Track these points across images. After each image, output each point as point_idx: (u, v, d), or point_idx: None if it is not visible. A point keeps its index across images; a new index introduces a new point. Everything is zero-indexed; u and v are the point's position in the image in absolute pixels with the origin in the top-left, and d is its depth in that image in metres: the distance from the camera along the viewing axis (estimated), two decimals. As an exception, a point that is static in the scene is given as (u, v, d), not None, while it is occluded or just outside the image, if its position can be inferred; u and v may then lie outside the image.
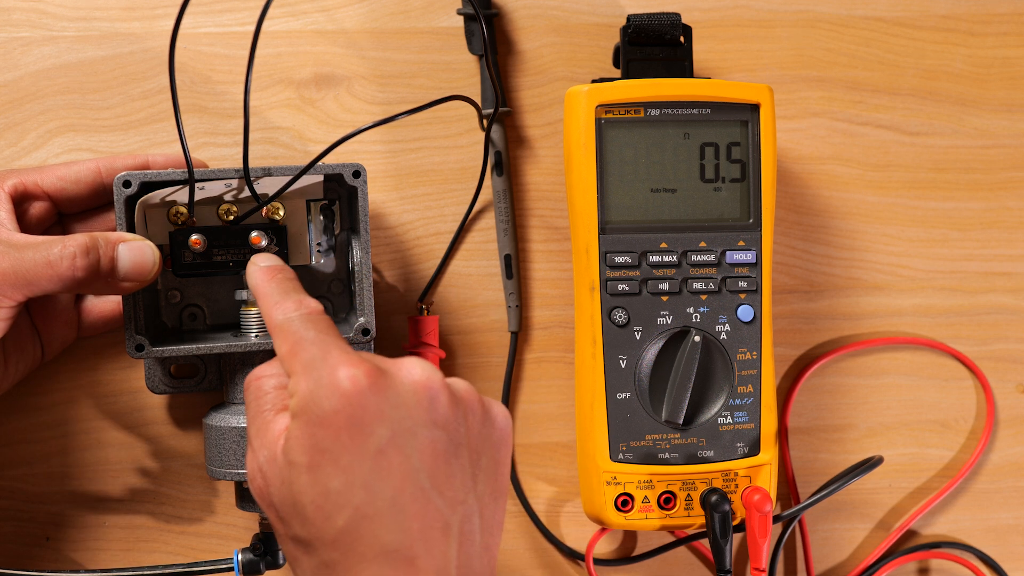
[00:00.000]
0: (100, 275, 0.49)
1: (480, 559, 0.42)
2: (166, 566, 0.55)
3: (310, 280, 0.58)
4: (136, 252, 0.50)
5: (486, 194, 0.61)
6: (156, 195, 0.52)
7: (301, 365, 0.43)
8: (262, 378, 0.46)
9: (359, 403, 0.41)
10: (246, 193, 0.53)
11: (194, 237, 0.52)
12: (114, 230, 0.53)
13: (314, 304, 0.46)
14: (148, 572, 0.54)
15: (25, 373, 0.55)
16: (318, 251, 0.56)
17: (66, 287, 0.49)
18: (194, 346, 0.52)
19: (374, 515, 0.40)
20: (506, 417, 0.45)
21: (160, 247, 0.51)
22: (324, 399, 0.41)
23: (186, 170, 0.51)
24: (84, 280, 0.48)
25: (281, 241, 0.53)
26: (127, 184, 0.51)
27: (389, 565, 0.40)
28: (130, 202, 0.51)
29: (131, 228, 0.52)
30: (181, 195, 0.52)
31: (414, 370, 0.43)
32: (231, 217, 0.53)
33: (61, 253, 0.48)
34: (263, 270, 0.49)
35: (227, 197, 0.53)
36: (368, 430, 0.41)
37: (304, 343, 0.44)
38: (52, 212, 0.54)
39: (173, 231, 0.52)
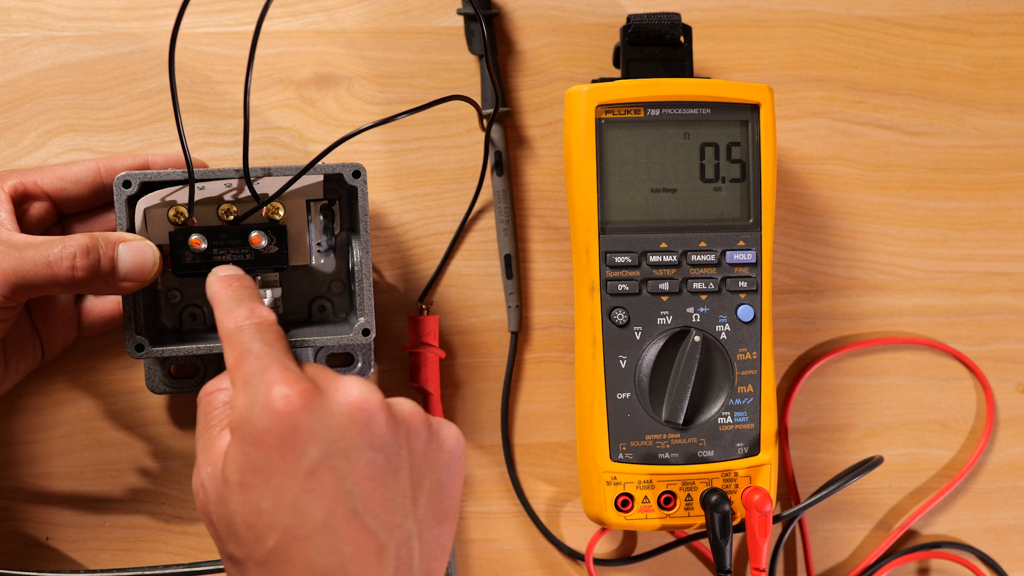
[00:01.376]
0: (100, 275, 0.49)
1: None
2: (166, 566, 0.55)
3: (310, 280, 0.58)
4: (136, 252, 0.49)
5: (486, 194, 0.61)
6: (156, 195, 0.52)
7: (242, 379, 0.43)
8: (212, 393, 0.46)
9: (290, 423, 0.41)
10: (246, 193, 0.53)
11: (194, 237, 0.52)
12: (114, 230, 0.53)
13: (266, 314, 0.46)
14: (148, 572, 0.54)
15: (25, 373, 0.55)
16: (318, 251, 0.56)
17: (66, 287, 0.49)
18: (194, 346, 0.52)
19: (304, 537, 0.40)
20: (457, 439, 0.45)
21: (160, 247, 0.51)
22: (257, 417, 0.41)
23: (186, 170, 0.51)
24: (84, 280, 0.48)
25: (281, 241, 0.53)
26: (127, 184, 0.51)
27: None
28: (130, 202, 0.51)
29: (131, 228, 0.52)
30: (181, 195, 0.52)
31: (351, 391, 0.42)
32: (231, 217, 0.53)
33: (61, 253, 0.48)
34: (221, 279, 0.49)
35: (227, 197, 0.53)
36: (299, 451, 0.41)
37: (248, 356, 0.43)
38: (52, 212, 0.54)
39: (173, 231, 0.52)
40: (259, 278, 0.55)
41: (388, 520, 0.41)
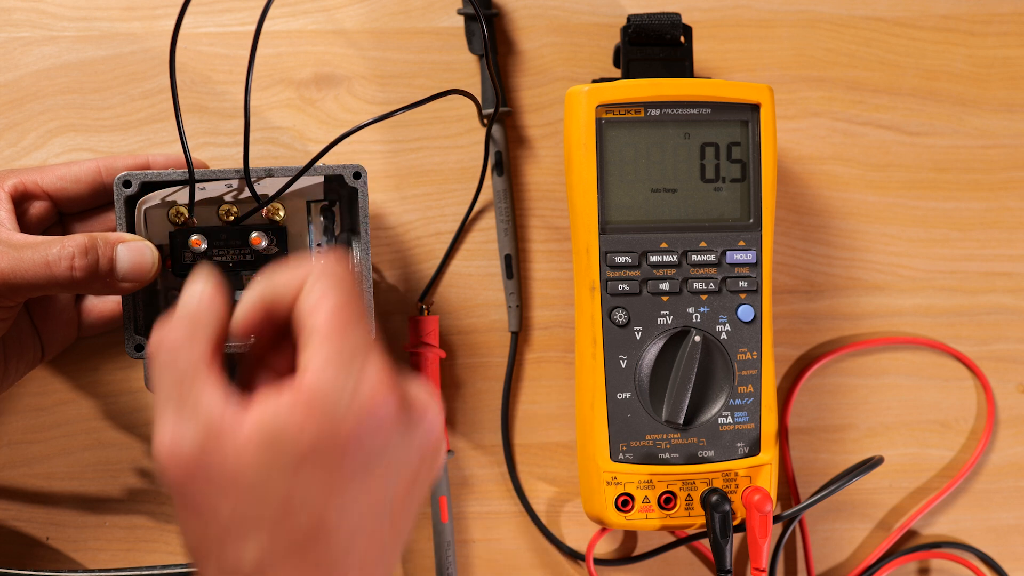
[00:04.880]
0: (99, 275, 0.49)
1: None
2: (165, 566, 0.55)
3: None
4: (135, 252, 0.49)
5: (486, 194, 0.61)
6: (156, 195, 0.52)
7: (339, 345, 0.39)
8: (177, 345, 0.40)
9: (375, 429, 0.39)
10: (246, 193, 0.53)
11: (194, 237, 0.52)
12: (114, 230, 0.53)
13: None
14: (147, 572, 0.54)
15: (25, 373, 0.55)
16: (318, 252, 0.56)
17: (65, 287, 0.48)
18: None
19: (333, 529, 0.39)
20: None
21: (160, 247, 0.51)
22: (346, 404, 0.39)
23: (186, 170, 0.51)
24: (83, 280, 0.48)
25: (281, 242, 0.53)
26: (127, 184, 0.51)
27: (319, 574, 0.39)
28: (130, 202, 0.51)
29: (131, 228, 0.52)
30: (181, 195, 0.52)
31: (432, 418, 0.41)
32: (231, 218, 0.53)
33: (60, 253, 0.48)
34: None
35: (227, 197, 0.53)
36: (371, 460, 0.39)
37: (353, 324, 0.40)
38: (52, 212, 0.54)
39: (173, 231, 0.52)
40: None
41: (394, 538, 0.42)
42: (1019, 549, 0.65)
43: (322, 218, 0.55)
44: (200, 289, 0.42)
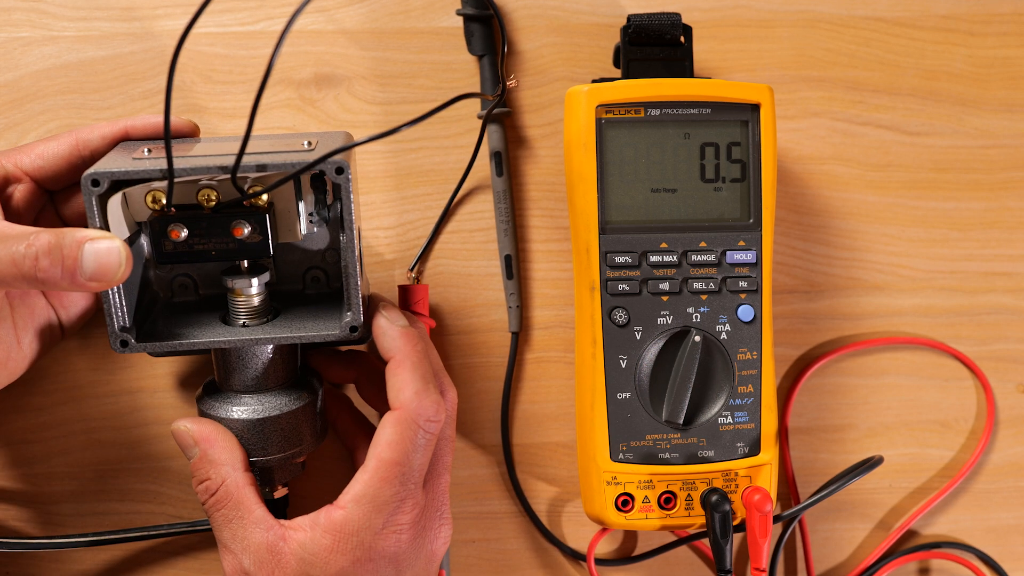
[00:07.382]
0: (64, 276, 0.45)
1: None
2: (159, 526, 0.57)
3: (303, 251, 0.56)
4: (102, 254, 0.46)
5: (486, 195, 0.61)
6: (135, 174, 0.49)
7: (376, 491, 0.49)
8: (219, 485, 0.50)
9: (391, 560, 0.49)
10: (226, 175, 0.50)
11: (173, 228, 0.49)
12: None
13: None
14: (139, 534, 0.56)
15: (45, 350, 0.53)
16: (310, 223, 0.53)
17: (33, 286, 0.46)
18: (178, 342, 0.50)
19: None
20: None
21: (141, 225, 0.49)
22: (370, 542, 0.49)
23: (164, 160, 0.48)
24: (48, 280, 0.45)
25: (263, 229, 0.50)
26: (96, 183, 0.47)
27: None
28: (102, 200, 0.48)
29: (104, 226, 0.48)
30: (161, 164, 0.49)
31: (442, 544, 0.52)
32: (212, 203, 0.50)
33: (25, 252, 0.45)
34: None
35: (205, 180, 0.51)
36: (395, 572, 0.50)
37: (395, 479, 0.49)
38: (38, 193, 0.52)
39: (152, 219, 0.49)
40: (246, 263, 0.53)
41: None
42: (1019, 549, 0.65)
43: (312, 191, 0.53)
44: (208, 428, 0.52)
